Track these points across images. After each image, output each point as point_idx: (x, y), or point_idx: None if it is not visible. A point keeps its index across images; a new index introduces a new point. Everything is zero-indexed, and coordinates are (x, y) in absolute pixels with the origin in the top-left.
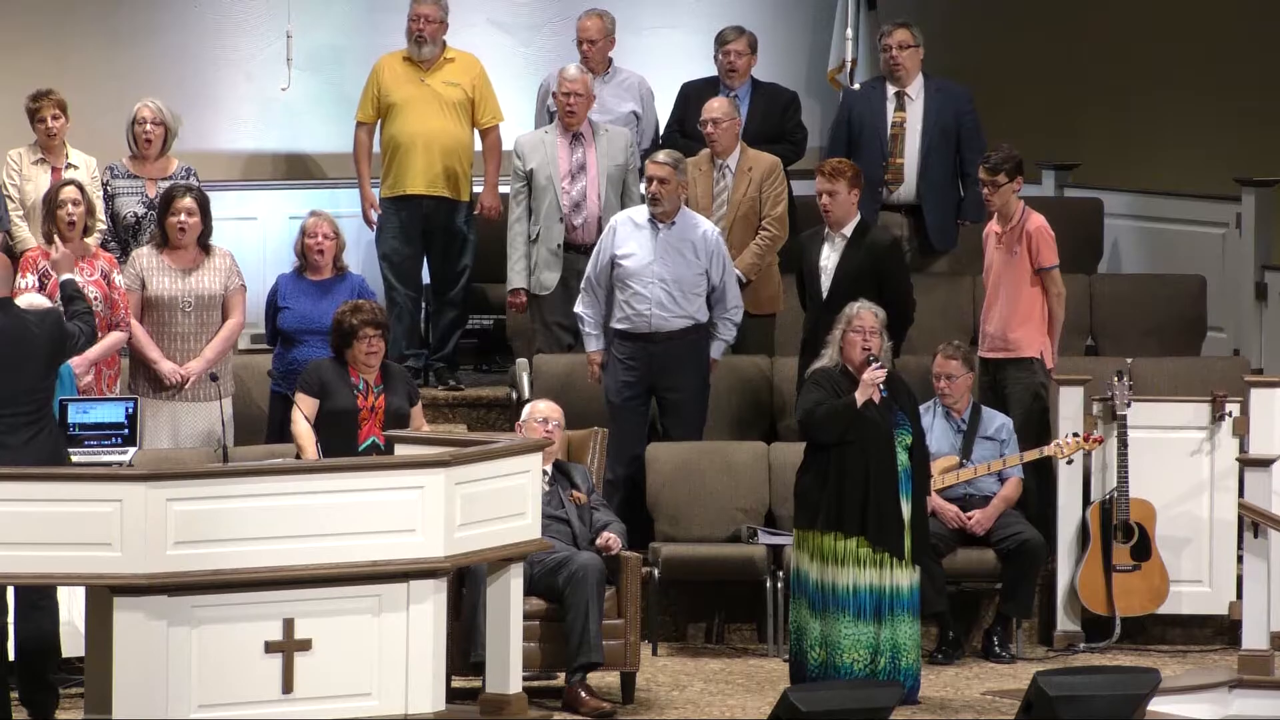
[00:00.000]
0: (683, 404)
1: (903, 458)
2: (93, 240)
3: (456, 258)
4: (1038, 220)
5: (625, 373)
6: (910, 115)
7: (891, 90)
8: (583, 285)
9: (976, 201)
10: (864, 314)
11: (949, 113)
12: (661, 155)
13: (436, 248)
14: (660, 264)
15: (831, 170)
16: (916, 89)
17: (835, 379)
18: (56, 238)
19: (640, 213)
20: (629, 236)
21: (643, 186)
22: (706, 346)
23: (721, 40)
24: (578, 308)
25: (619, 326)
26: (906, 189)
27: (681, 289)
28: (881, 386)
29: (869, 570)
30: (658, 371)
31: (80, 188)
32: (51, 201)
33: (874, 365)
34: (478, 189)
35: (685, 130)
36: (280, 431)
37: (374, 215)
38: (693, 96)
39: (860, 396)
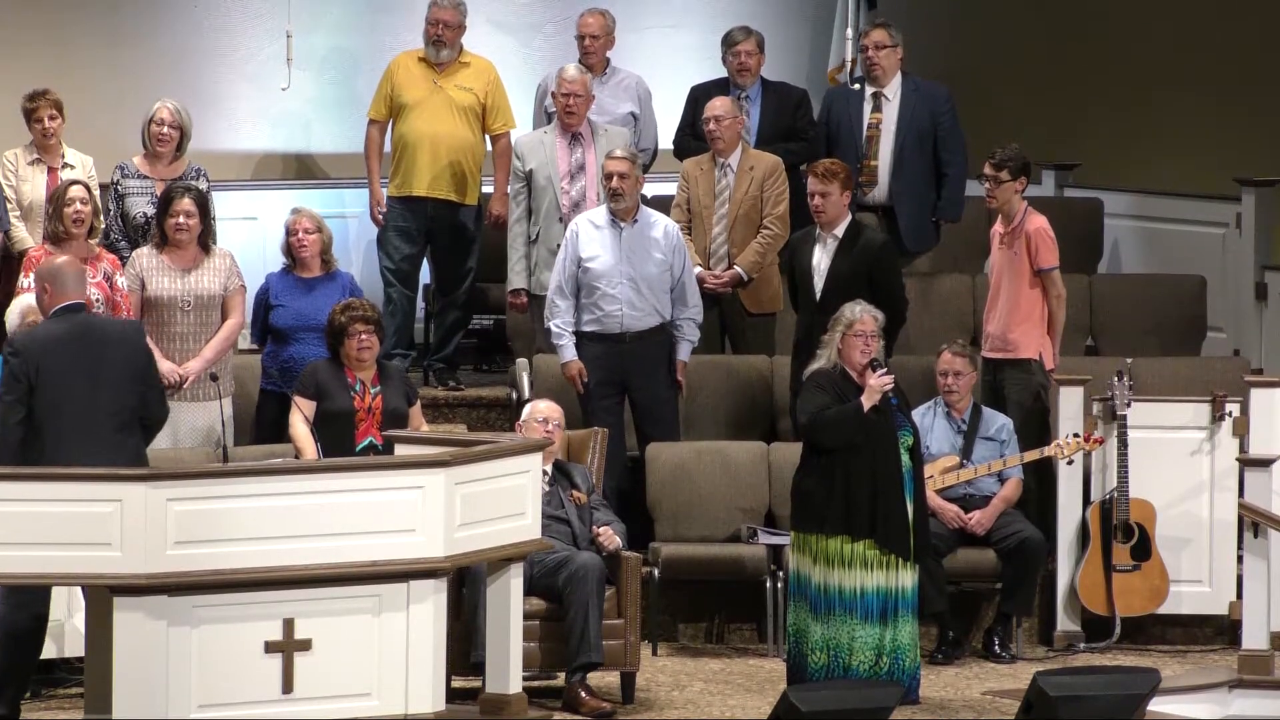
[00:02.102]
0: (656, 404)
1: (905, 459)
2: (94, 241)
3: (461, 260)
4: (1038, 221)
5: (597, 372)
6: (886, 116)
7: (869, 91)
8: (551, 296)
9: (951, 201)
10: (866, 318)
11: (924, 113)
12: (619, 151)
13: (441, 249)
14: (627, 263)
15: (824, 171)
16: (894, 89)
17: (836, 381)
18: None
19: (598, 214)
20: (591, 239)
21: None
22: (673, 345)
23: (730, 41)
24: (550, 322)
25: (588, 329)
26: (880, 190)
27: (650, 286)
28: (891, 395)
29: (876, 572)
30: (629, 371)
31: (87, 188)
32: (59, 200)
33: (880, 372)
34: (488, 189)
35: (696, 133)
36: (273, 429)
37: (380, 213)
38: (702, 99)
39: (867, 402)
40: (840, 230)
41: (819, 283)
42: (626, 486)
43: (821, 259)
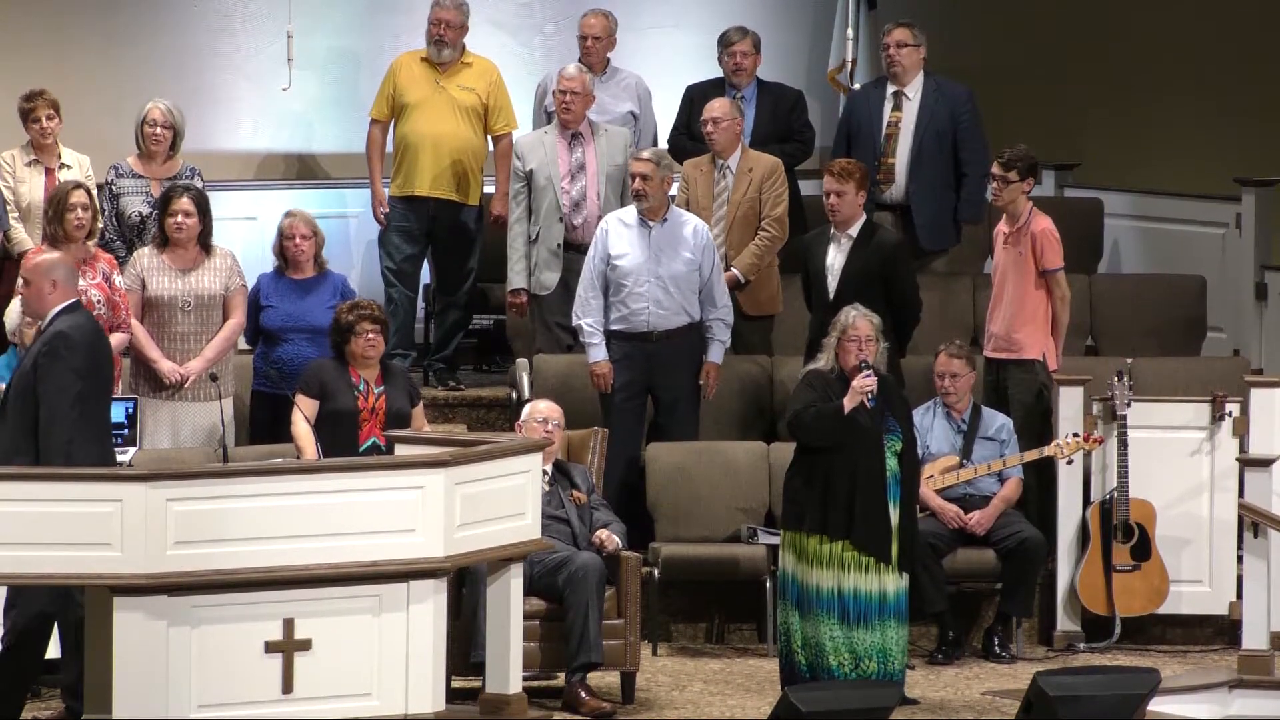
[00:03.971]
0: (679, 403)
1: (892, 463)
2: (92, 243)
3: (463, 260)
4: (1044, 222)
5: (623, 373)
6: (906, 115)
7: (890, 90)
8: (580, 293)
9: (972, 202)
10: (859, 323)
11: (944, 113)
12: (645, 152)
13: (442, 249)
14: (655, 262)
15: (841, 170)
16: (915, 89)
17: (829, 383)
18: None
19: (629, 213)
20: (621, 237)
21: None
22: (700, 345)
23: (726, 41)
24: (579, 318)
25: (615, 327)
26: (897, 189)
27: (678, 285)
28: (870, 396)
29: (853, 574)
30: (655, 370)
31: (88, 191)
32: (60, 204)
33: (864, 374)
34: (489, 189)
35: (691, 133)
36: (268, 430)
37: (382, 213)
38: (698, 99)
39: (848, 403)
40: (854, 230)
41: (832, 283)
42: (636, 486)
43: (835, 259)
